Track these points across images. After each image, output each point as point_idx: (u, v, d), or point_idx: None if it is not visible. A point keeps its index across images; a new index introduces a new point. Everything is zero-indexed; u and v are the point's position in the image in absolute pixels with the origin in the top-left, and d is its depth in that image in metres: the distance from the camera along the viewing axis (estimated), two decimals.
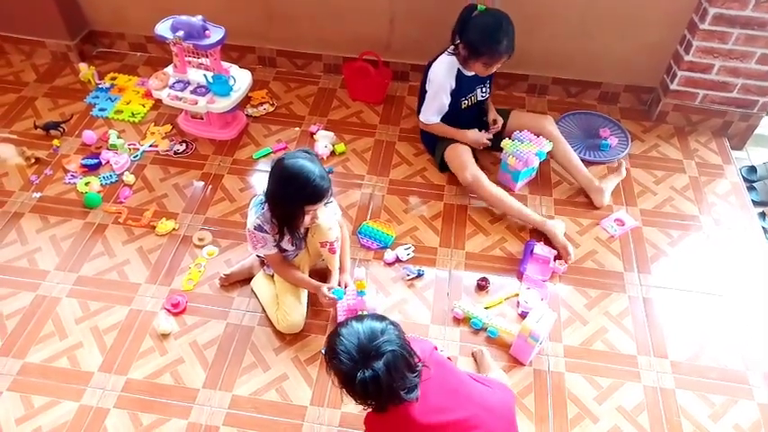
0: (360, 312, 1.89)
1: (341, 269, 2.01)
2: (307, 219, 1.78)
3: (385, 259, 2.19)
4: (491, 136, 2.42)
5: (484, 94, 2.43)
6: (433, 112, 2.37)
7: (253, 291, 2.08)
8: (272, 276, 2.04)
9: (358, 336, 1.27)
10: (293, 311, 1.93)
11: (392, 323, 1.32)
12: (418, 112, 2.46)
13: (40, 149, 2.56)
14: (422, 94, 2.41)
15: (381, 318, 1.33)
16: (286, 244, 1.92)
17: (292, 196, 1.71)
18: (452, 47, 2.27)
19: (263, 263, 2.05)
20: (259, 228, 1.81)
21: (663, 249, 2.28)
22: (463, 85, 2.33)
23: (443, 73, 2.28)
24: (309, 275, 2.02)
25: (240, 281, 2.11)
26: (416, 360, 1.30)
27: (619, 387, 1.88)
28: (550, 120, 2.53)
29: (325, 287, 1.93)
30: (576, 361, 1.94)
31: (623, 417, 1.81)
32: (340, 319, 1.95)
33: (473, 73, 2.31)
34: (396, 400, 1.28)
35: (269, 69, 3.06)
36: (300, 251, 2.00)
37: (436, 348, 1.48)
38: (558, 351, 1.96)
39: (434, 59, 2.33)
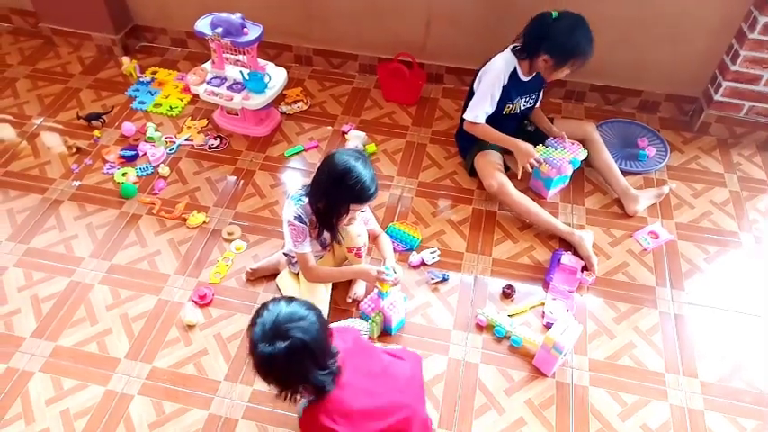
0: (380, 310, 1.90)
1: (385, 260, 2.02)
2: (346, 218, 1.80)
3: (410, 262, 2.18)
4: (539, 158, 2.28)
5: (527, 104, 2.39)
6: (482, 110, 2.26)
7: (278, 287, 2.10)
8: (298, 274, 2.06)
9: (278, 313, 1.32)
10: None
11: (318, 315, 1.36)
12: (463, 112, 2.35)
13: (81, 139, 2.64)
14: (470, 95, 2.34)
15: (310, 306, 1.37)
16: (314, 244, 1.94)
17: (341, 193, 1.72)
18: (513, 46, 2.22)
19: (289, 261, 2.07)
20: (299, 218, 1.81)
21: (698, 265, 2.21)
22: (513, 88, 2.27)
23: (500, 67, 2.22)
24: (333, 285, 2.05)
25: (266, 276, 2.14)
26: (326, 359, 1.35)
27: (644, 405, 1.83)
28: (593, 125, 2.49)
29: (366, 265, 1.95)
30: (600, 375, 1.89)
31: None
32: (364, 308, 1.96)
33: (528, 78, 2.27)
34: (291, 390, 1.35)
35: (305, 68, 3.09)
36: (325, 252, 2.01)
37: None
38: (583, 364, 1.92)
39: (487, 61, 2.28)
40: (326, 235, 1.92)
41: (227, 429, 1.75)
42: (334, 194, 1.74)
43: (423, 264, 2.18)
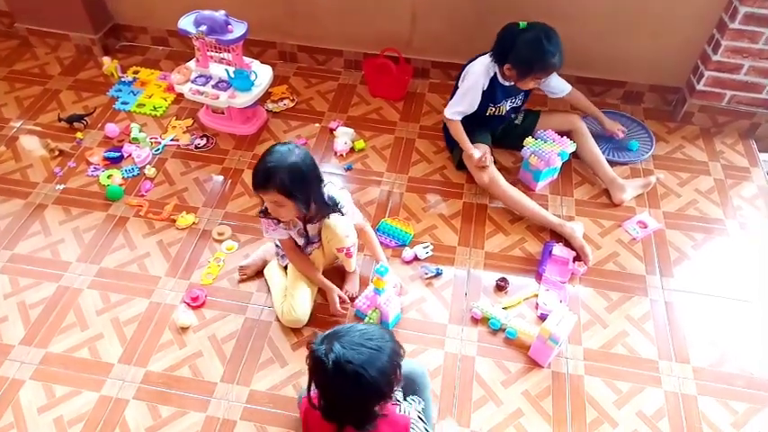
0: (374, 308, 1.90)
1: (378, 261, 2.04)
2: (270, 207, 1.76)
3: (403, 257, 2.18)
4: (489, 165, 2.29)
5: (512, 104, 2.41)
6: (457, 110, 2.31)
7: (265, 279, 2.09)
8: (285, 268, 2.05)
9: (359, 330, 1.27)
10: (299, 307, 1.92)
11: (399, 353, 1.29)
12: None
13: (63, 142, 2.59)
14: (454, 90, 2.36)
15: (395, 344, 1.29)
16: (296, 236, 1.93)
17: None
18: (492, 53, 2.23)
19: (277, 252, 2.06)
20: (265, 211, 1.84)
21: (686, 253, 2.24)
22: (495, 93, 2.30)
23: (480, 72, 2.24)
24: (327, 272, 2.04)
25: (258, 273, 2.12)
26: (380, 404, 1.28)
27: (639, 392, 1.85)
28: (580, 117, 2.52)
29: (336, 292, 1.96)
30: (595, 364, 1.91)
31: (643, 422, 1.79)
32: (359, 305, 1.96)
33: (509, 83, 2.28)
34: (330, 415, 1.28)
35: (289, 65, 3.06)
36: (314, 247, 2.00)
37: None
38: (578, 354, 1.94)
39: (474, 59, 2.29)
40: (308, 229, 1.92)
41: (226, 431, 1.73)
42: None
43: (416, 259, 2.18)
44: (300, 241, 1.96)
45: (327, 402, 1.29)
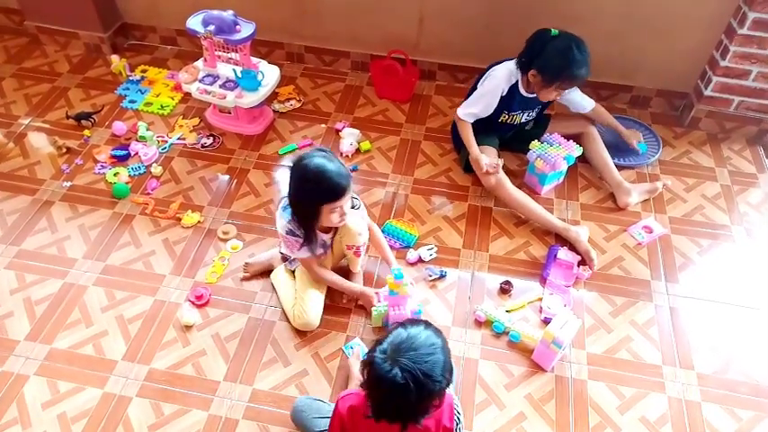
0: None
1: (389, 263, 2.04)
2: (334, 217, 1.76)
3: (407, 259, 2.18)
4: (498, 171, 2.27)
5: (528, 118, 2.41)
6: (471, 111, 2.30)
7: (272, 285, 2.09)
8: (293, 272, 2.05)
9: (417, 337, 1.25)
10: (311, 309, 1.93)
11: (447, 341, 1.30)
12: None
13: (71, 139, 2.60)
14: (471, 91, 2.35)
15: (442, 334, 1.30)
16: (317, 248, 1.92)
17: (310, 195, 1.71)
18: (518, 59, 2.21)
19: (284, 258, 2.06)
20: (291, 232, 1.82)
21: (691, 258, 2.23)
22: (512, 101, 2.29)
23: (502, 76, 2.23)
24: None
25: (262, 274, 2.12)
26: (434, 402, 1.28)
27: (642, 397, 1.85)
28: (589, 120, 2.51)
29: (372, 291, 1.96)
30: (599, 369, 1.91)
31: (646, 428, 1.78)
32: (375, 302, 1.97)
33: (530, 95, 2.27)
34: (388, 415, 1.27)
35: (296, 65, 3.07)
36: (326, 254, 2.00)
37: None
38: (581, 358, 1.93)
39: (498, 63, 2.29)
40: (325, 237, 1.91)
41: (228, 430, 1.73)
42: (305, 199, 1.73)
43: (420, 261, 2.18)
44: (319, 251, 1.95)
45: (398, 410, 1.27)
